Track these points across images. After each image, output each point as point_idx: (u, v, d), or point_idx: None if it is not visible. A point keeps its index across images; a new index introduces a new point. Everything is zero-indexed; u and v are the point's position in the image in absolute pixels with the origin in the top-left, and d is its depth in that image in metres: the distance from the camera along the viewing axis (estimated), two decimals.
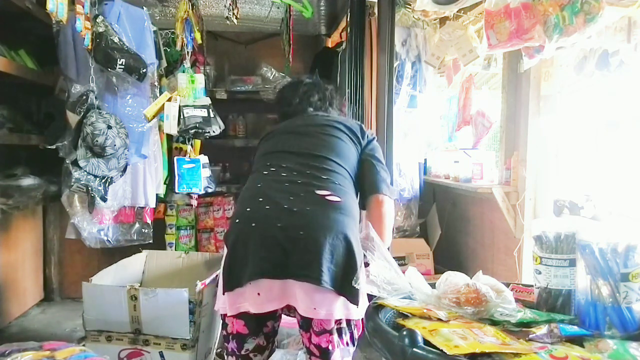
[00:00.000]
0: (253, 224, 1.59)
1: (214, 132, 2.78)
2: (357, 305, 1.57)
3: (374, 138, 1.93)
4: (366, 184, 1.80)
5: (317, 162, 1.72)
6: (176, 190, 2.95)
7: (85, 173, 2.55)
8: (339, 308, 1.57)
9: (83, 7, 2.37)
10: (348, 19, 2.97)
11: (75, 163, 2.56)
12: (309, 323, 1.65)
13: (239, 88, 3.86)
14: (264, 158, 1.83)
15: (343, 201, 1.64)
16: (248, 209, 1.63)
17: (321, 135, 1.82)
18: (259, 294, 1.58)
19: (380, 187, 1.79)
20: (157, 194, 3.18)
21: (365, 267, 1.55)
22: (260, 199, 1.63)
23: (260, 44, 4.18)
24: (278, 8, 3.50)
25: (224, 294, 1.62)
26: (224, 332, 1.74)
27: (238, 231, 1.62)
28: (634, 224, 2.25)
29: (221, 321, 1.78)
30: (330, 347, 1.63)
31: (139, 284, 2.42)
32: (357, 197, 1.81)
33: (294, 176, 1.68)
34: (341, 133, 1.84)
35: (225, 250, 1.66)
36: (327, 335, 1.63)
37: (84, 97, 2.59)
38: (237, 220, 1.65)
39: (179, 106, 2.72)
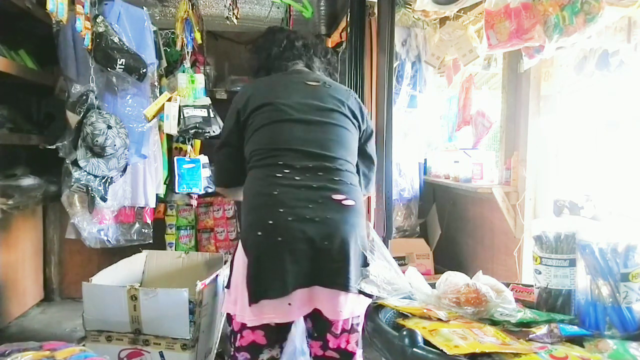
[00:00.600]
0: (279, 239, 1.56)
1: (214, 132, 2.77)
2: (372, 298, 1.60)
3: (369, 125, 1.89)
4: (361, 184, 1.83)
5: (328, 162, 1.68)
6: (176, 190, 2.96)
7: (85, 173, 2.55)
8: (359, 305, 1.61)
9: (83, 7, 2.37)
10: (348, 19, 2.96)
11: (75, 163, 2.56)
12: (328, 327, 1.66)
13: (239, 88, 3.85)
14: (270, 153, 1.69)
15: (357, 203, 1.66)
16: (270, 222, 1.59)
17: (329, 127, 1.74)
18: (290, 304, 1.58)
19: (370, 190, 1.96)
20: (157, 194, 3.18)
21: (365, 267, 1.56)
22: (281, 210, 1.59)
23: None
24: (278, 8, 3.50)
25: (250, 305, 1.58)
26: (236, 345, 1.69)
27: (262, 245, 1.59)
28: (634, 224, 2.25)
29: (225, 323, 1.76)
30: (350, 348, 1.67)
31: (139, 284, 2.42)
32: None
33: (308, 179, 1.64)
34: (346, 120, 1.77)
35: (246, 258, 1.60)
36: (347, 335, 1.66)
37: (84, 97, 2.59)
38: (260, 233, 1.60)
39: (179, 106, 2.72)
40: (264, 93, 1.77)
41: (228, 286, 1.72)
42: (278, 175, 1.65)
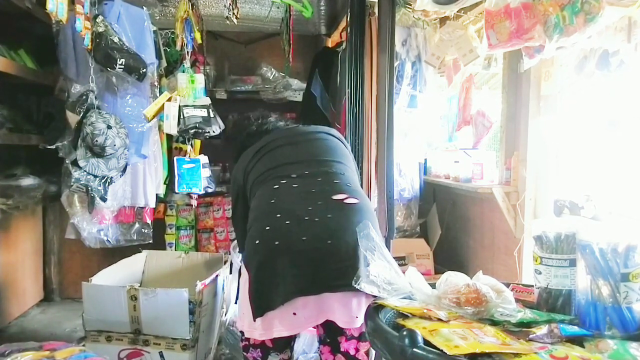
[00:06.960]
0: (276, 242, 1.51)
1: (214, 132, 2.78)
2: None
3: None
4: None
5: (325, 167, 1.69)
6: (176, 190, 2.96)
7: (85, 173, 2.55)
8: None
9: (83, 7, 2.37)
10: (348, 19, 2.96)
11: (75, 163, 2.56)
12: (341, 331, 1.60)
13: (239, 88, 3.86)
14: (266, 174, 1.72)
15: (361, 201, 1.62)
16: (267, 228, 1.54)
17: (316, 142, 1.81)
18: (294, 313, 1.50)
19: None
20: (157, 194, 3.18)
21: None
22: (278, 215, 1.55)
23: (260, 44, 4.18)
24: (278, 8, 3.50)
25: (254, 320, 1.52)
26: (246, 343, 1.69)
27: (261, 252, 1.53)
28: (634, 224, 2.25)
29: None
30: (360, 357, 1.60)
31: (139, 284, 2.42)
32: None
33: (306, 185, 1.62)
34: (332, 137, 1.88)
35: (247, 273, 1.56)
36: (355, 342, 1.60)
37: (84, 97, 2.59)
38: (257, 242, 1.55)
39: (179, 106, 2.72)
40: (254, 149, 1.86)
41: (236, 301, 1.73)
42: (275, 187, 1.65)
